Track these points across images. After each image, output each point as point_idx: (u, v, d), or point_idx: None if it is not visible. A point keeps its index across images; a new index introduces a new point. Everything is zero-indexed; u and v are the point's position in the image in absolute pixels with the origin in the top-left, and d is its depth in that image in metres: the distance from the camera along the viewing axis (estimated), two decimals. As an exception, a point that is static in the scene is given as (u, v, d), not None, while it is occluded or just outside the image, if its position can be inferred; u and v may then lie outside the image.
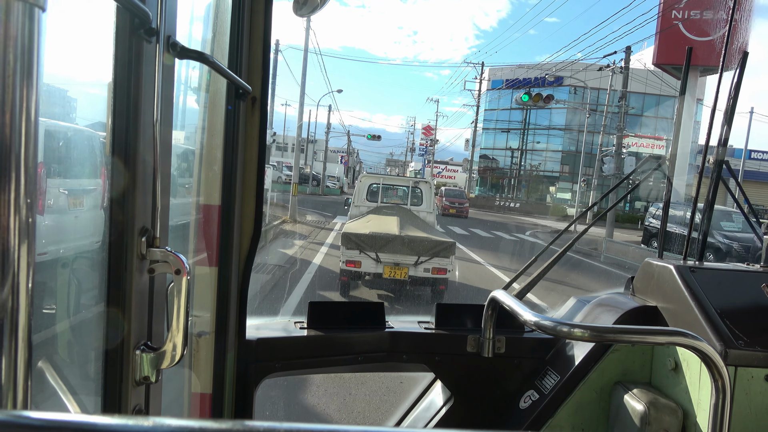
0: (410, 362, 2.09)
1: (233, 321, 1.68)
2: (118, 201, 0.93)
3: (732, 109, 2.18)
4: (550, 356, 2.11)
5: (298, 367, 1.97)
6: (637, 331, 1.41)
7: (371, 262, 8.22)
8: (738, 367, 1.63)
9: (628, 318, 1.96)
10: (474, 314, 2.10)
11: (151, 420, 0.35)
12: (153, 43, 0.93)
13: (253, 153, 1.64)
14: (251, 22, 1.56)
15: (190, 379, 1.60)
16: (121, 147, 0.92)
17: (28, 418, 0.37)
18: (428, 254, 8.21)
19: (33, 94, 0.55)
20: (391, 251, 8.15)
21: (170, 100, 1.04)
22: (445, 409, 2.14)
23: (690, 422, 1.72)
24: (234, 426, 0.35)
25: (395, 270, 8.20)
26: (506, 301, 1.56)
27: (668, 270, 1.95)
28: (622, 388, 1.89)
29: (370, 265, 8.24)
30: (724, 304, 1.77)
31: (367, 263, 8.23)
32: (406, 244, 8.19)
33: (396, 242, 8.17)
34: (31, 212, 0.56)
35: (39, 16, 0.55)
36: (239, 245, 1.66)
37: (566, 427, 1.95)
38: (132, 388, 0.95)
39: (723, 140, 2.19)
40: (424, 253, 8.21)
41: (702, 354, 1.24)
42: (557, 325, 1.34)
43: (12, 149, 0.53)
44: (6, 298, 0.54)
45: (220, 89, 1.54)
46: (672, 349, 1.84)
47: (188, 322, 0.97)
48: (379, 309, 2.10)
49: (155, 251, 0.96)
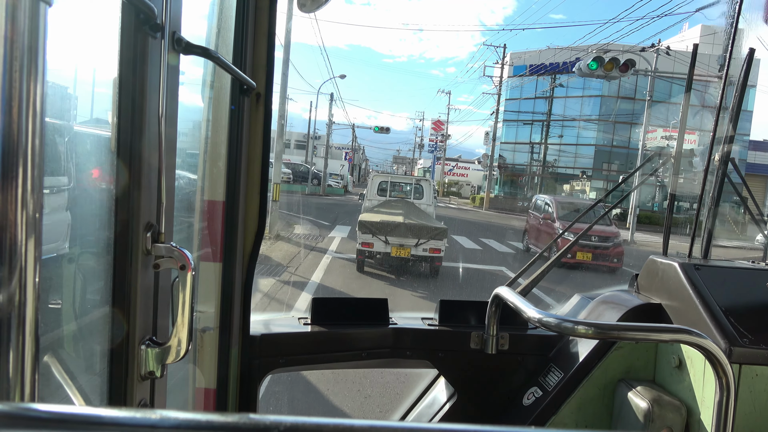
0: (414, 358, 2.09)
1: (237, 317, 1.68)
2: (123, 197, 0.93)
3: (738, 106, 2.16)
4: (554, 353, 2.10)
5: (302, 362, 1.98)
6: (641, 328, 1.41)
7: (381, 243, 10.42)
8: (742, 364, 1.63)
9: (632, 315, 1.96)
10: (477, 311, 2.10)
11: (158, 413, 0.35)
12: (158, 38, 0.93)
13: (258, 149, 1.64)
14: (256, 18, 1.56)
15: (195, 375, 1.61)
16: (126, 143, 0.92)
17: (35, 411, 0.37)
18: (426, 237, 10.44)
19: (39, 90, 0.55)
20: (397, 235, 10.40)
21: (175, 95, 1.04)
22: (448, 405, 2.14)
23: (694, 419, 1.72)
24: (240, 419, 0.35)
25: (400, 250, 10.43)
26: (510, 298, 1.56)
27: (673, 267, 1.94)
28: (626, 386, 1.89)
29: (380, 246, 10.44)
30: (728, 302, 1.76)
31: (378, 244, 10.44)
32: (409, 229, 10.43)
33: (401, 228, 10.41)
34: (37, 208, 0.56)
35: (45, 11, 0.55)
36: (243, 241, 1.67)
37: (570, 424, 1.95)
38: (137, 382, 0.96)
39: (729, 137, 2.18)
40: (423, 237, 10.43)
41: (706, 351, 1.23)
42: (561, 322, 1.33)
43: (18, 145, 0.53)
44: (13, 292, 0.54)
45: (225, 85, 1.54)
46: (676, 347, 1.83)
47: (193, 317, 0.98)
48: (383, 305, 2.10)
49: (160, 247, 0.97)
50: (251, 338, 1.79)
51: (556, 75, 45.20)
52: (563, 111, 47.66)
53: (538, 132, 49.58)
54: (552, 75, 45.22)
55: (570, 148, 47.16)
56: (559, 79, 44.97)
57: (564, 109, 47.68)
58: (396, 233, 10.40)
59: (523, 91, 48.95)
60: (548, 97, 48.18)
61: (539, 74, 45.17)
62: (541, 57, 44.18)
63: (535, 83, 47.47)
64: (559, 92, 47.31)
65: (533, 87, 47.97)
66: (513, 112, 50.57)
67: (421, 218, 11.57)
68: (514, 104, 50.23)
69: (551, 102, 48.51)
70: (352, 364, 2.11)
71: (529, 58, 46.63)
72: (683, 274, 1.87)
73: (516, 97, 49.74)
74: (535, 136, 49.80)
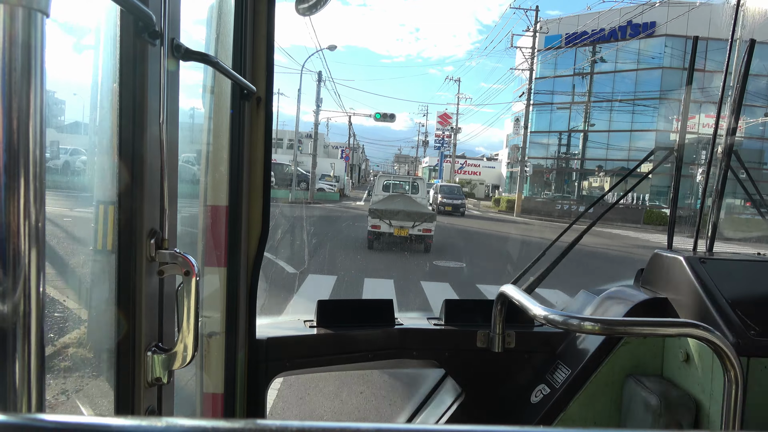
0: (420, 358, 2.09)
1: (243, 321, 1.69)
2: (125, 204, 0.93)
3: (740, 97, 2.15)
4: (561, 350, 2.10)
5: (309, 365, 1.98)
6: (648, 323, 1.41)
7: (386, 225, 14.15)
8: (750, 357, 1.62)
9: (639, 310, 1.95)
10: (483, 309, 2.10)
11: (163, 420, 0.35)
12: (157, 46, 0.93)
13: (259, 153, 1.64)
14: (254, 23, 1.56)
15: (202, 380, 1.61)
16: (128, 150, 0.92)
17: (42, 421, 0.37)
18: (420, 221, 14.17)
19: (38, 100, 0.55)
20: (398, 219, 14.09)
21: (175, 102, 1.04)
22: (456, 405, 2.14)
23: (703, 413, 1.71)
24: (246, 425, 0.35)
25: (401, 231, 14.15)
26: (515, 296, 1.56)
27: (678, 261, 1.93)
28: (634, 381, 1.88)
29: (385, 228, 14.17)
30: (735, 295, 1.75)
31: (384, 226, 14.16)
32: (407, 215, 14.14)
33: (401, 214, 14.13)
34: (39, 217, 0.56)
35: (43, 21, 0.55)
36: (247, 245, 1.67)
37: (578, 420, 1.94)
38: (144, 389, 0.96)
39: (731, 129, 2.17)
40: (418, 220, 14.17)
41: (714, 345, 1.23)
42: (567, 318, 1.33)
43: (20, 155, 0.53)
44: (17, 303, 0.54)
45: (225, 90, 1.54)
46: (683, 341, 1.83)
47: (198, 322, 0.98)
48: (388, 306, 2.10)
49: (164, 253, 0.97)
50: (257, 342, 1.79)
51: (596, 46, 35.17)
52: (612, 89, 37.08)
53: (575, 120, 39.32)
54: (593, 45, 35.50)
55: (618, 138, 36.22)
56: (603, 50, 35.68)
57: (613, 86, 36.98)
58: (397, 218, 14.09)
59: (557, 67, 38.79)
60: (590, 73, 36.81)
61: (578, 45, 35.57)
62: (579, 22, 35.38)
63: (574, 55, 36.74)
64: (602, 67, 37.13)
65: (570, 60, 37.62)
66: (545, 93, 39.29)
67: (417, 207, 15.10)
68: (545, 85, 39.24)
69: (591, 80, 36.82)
70: (358, 366, 2.11)
71: (565, 26, 37.20)
72: (689, 268, 1.87)
73: (549, 74, 38.81)
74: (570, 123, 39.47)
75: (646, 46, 34.41)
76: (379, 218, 14.26)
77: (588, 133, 38.18)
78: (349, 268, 11.56)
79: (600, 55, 36.17)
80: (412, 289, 9.65)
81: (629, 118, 36.09)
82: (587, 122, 38.07)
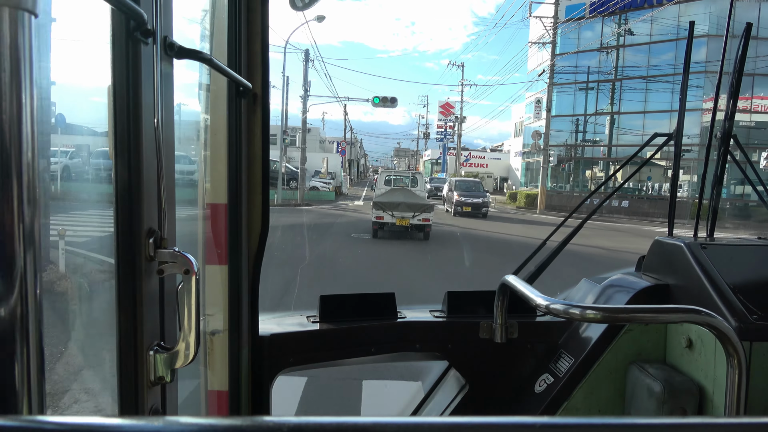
0: (423, 351, 2.09)
1: (246, 318, 1.69)
2: (123, 204, 0.93)
3: (738, 81, 2.15)
4: (564, 339, 2.10)
5: (312, 360, 1.98)
6: (650, 310, 1.41)
7: (389, 216, 15.27)
8: (753, 341, 1.62)
9: (640, 298, 1.95)
10: (485, 300, 2.10)
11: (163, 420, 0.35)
12: (150, 44, 0.92)
13: (258, 149, 1.64)
14: (249, 19, 1.55)
15: (206, 378, 1.61)
16: (124, 150, 0.92)
17: (43, 423, 0.37)
18: (419, 211, 15.33)
19: (29, 101, 0.55)
20: (399, 210, 15.23)
21: (171, 100, 1.04)
22: (460, 396, 2.14)
23: (707, 399, 1.71)
24: (244, 422, 0.35)
25: (402, 220, 15.28)
26: (517, 286, 1.56)
27: (679, 247, 1.93)
28: (637, 368, 1.88)
29: (388, 218, 15.31)
30: (736, 279, 1.75)
31: (387, 217, 15.30)
32: (408, 206, 15.28)
33: (402, 206, 15.27)
34: (35, 218, 0.56)
35: (30, 21, 0.54)
36: (248, 242, 1.67)
37: (582, 408, 1.95)
38: (147, 388, 0.96)
39: (730, 114, 2.16)
40: (417, 211, 15.32)
41: (716, 330, 1.23)
42: (569, 307, 1.33)
43: (12, 157, 0.53)
44: (15, 305, 0.54)
45: (221, 88, 1.54)
46: (686, 327, 1.83)
47: (200, 321, 0.98)
48: (390, 299, 2.10)
49: (163, 252, 0.97)
50: (260, 339, 1.79)
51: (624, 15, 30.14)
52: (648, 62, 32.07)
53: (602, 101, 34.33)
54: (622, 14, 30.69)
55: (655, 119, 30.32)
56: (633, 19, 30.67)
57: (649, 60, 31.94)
58: (399, 209, 15.24)
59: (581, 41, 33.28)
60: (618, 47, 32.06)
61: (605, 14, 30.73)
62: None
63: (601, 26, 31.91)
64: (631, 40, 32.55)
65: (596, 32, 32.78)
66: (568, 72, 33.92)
67: (416, 199, 16.30)
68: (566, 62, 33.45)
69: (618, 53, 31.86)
70: (362, 360, 2.11)
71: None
72: (690, 254, 1.86)
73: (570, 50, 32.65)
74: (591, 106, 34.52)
75: (692, 9, 28.51)
76: (382, 210, 15.54)
77: (614, 115, 33.88)
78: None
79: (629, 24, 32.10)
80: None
81: (668, 98, 30.87)
82: (613, 103, 33.68)
